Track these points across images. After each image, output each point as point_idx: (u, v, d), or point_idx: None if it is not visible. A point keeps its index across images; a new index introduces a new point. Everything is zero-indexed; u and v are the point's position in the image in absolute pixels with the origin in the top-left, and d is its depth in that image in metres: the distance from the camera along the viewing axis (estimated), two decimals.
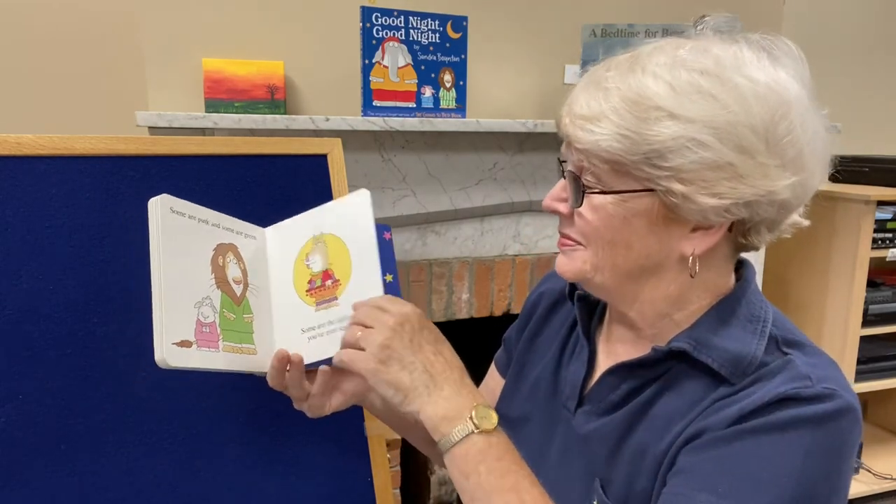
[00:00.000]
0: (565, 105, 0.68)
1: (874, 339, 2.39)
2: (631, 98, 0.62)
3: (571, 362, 0.79)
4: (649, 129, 0.60)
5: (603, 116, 0.62)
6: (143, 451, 0.80)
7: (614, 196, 0.64)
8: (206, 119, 1.57)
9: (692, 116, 0.60)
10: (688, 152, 0.60)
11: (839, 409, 0.60)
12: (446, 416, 0.64)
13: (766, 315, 0.68)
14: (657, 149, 0.60)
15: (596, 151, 0.63)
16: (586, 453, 0.71)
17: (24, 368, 0.76)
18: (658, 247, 0.66)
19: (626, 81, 0.63)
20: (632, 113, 0.61)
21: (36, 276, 0.78)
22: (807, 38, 2.60)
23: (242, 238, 0.76)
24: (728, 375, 0.64)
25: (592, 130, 0.62)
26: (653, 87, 0.61)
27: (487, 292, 1.97)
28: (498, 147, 1.92)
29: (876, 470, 2.39)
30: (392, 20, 1.66)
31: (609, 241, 0.66)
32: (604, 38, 1.87)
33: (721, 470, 0.60)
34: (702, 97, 0.60)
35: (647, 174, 0.62)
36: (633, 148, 0.61)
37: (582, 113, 0.64)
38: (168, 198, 0.68)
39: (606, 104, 0.62)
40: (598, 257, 0.67)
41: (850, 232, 2.23)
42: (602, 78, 0.65)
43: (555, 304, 0.87)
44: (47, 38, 1.94)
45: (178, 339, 0.65)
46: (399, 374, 0.65)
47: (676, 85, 0.61)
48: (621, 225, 0.65)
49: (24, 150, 0.80)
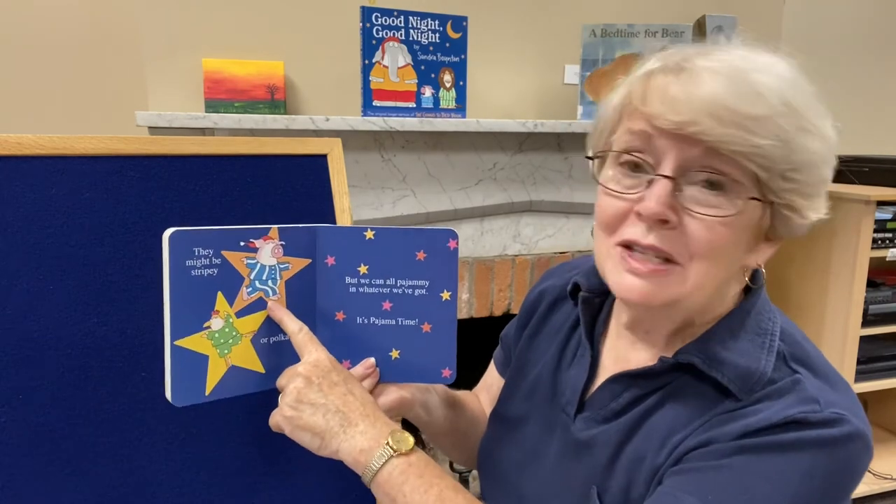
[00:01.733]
0: (693, 98, 0.58)
1: (874, 339, 2.39)
2: (790, 104, 0.59)
3: (572, 366, 0.78)
4: (799, 140, 0.59)
5: (768, 119, 0.57)
6: (143, 451, 0.80)
7: (748, 205, 0.60)
8: (206, 119, 1.57)
9: (825, 133, 0.61)
10: (816, 169, 0.61)
11: (846, 434, 0.59)
12: (364, 449, 0.63)
13: (774, 328, 0.67)
14: (801, 160, 0.59)
15: (752, 156, 0.58)
16: (584, 460, 0.71)
17: (24, 368, 0.76)
18: (741, 258, 0.64)
19: (776, 84, 0.59)
20: (791, 120, 0.58)
21: (36, 276, 0.78)
22: (807, 38, 2.60)
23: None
24: (736, 391, 0.63)
25: (756, 132, 0.57)
26: (797, 97, 0.59)
27: (487, 292, 1.97)
28: (498, 147, 1.92)
29: (876, 470, 2.39)
30: (392, 20, 1.66)
31: (724, 257, 0.62)
32: (604, 38, 1.87)
33: (716, 480, 0.59)
34: (818, 115, 0.61)
35: (776, 185, 0.59)
36: (783, 157, 0.58)
37: (747, 111, 0.57)
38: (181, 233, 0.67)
39: (767, 106, 0.58)
40: (707, 275, 0.62)
41: (850, 232, 2.23)
42: (740, 71, 0.59)
43: (555, 302, 0.85)
44: (47, 38, 1.94)
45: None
46: (312, 419, 0.65)
47: (803, 98, 0.60)
48: (737, 237, 0.62)
49: (24, 150, 0.80)
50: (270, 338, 0.73)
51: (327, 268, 0.74)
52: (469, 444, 0.90)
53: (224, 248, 0.69)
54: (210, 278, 0.68)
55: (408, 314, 0.73)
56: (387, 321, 0.74)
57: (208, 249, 0.68)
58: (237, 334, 0.71)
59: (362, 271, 0.74)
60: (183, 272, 0.67)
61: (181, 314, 0.67)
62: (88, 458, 0.78)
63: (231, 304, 0.70)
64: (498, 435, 0.84)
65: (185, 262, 0.67)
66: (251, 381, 0.71)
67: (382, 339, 0.74)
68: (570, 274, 0.82)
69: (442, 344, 0.73)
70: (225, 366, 0.70)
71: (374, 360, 0.74)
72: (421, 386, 0.79)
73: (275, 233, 0.72)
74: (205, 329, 0.68)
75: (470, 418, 0.90)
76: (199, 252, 0.68)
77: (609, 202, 0.65)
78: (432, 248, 0.72)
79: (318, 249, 0.74)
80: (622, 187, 0.64)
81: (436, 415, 0.82)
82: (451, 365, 0.73)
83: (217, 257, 0.69)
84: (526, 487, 0.77)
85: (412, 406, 0.77)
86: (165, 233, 0.66)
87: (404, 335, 0.74)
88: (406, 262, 0.73)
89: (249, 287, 0.71)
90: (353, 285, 0.74)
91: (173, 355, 0.67)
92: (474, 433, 0.90)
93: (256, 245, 0.71)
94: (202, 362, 0.68)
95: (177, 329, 0.67)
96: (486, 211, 1.94)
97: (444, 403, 0.84)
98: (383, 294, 0.73)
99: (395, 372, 0.74)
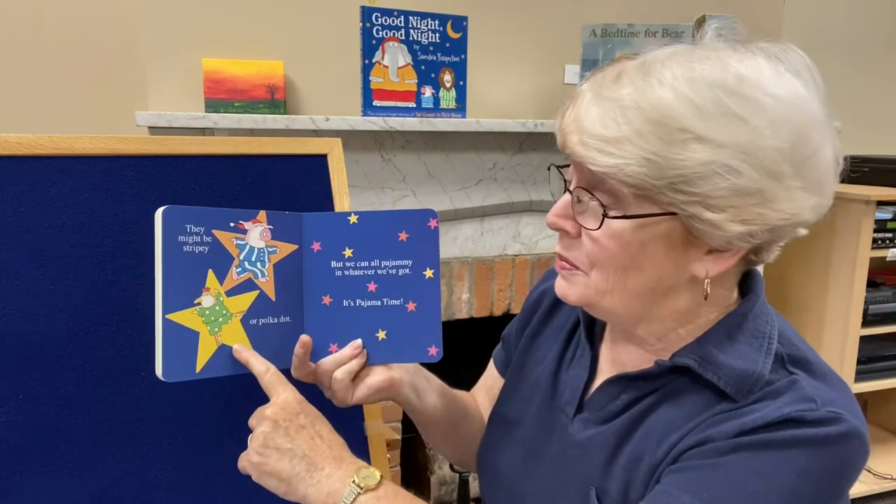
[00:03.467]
0: (568, 118, 0.63)
1: (874, 339, 2.39)
2: (654, 118, 0.57)
3: (572, 367, 0.78)
4: (677, 153, 0.57)
5: (625, 139, 0.58)
6: (143, 450, 0.80)
7: (634, 220, 0.61)
8: (206, 119, 1.57)
9: (722, 141, 0.56)
10: (718, 179, 0.57)
11: (843, 433, 0.59)
12: (331, 492, 0.64)
13: (772, 331, 0.66)
14: (685, 174, 0.57)
15: (616, 176, 0.59)
16: (582, 461, 0.71)
17: (23, 368, 0.76)
18: (672, 269, 0.63)
19: (645, 97, 0.58)
20: (656, 135, 0.57)
21: (36, 276, 0.78)
22: (807, 38, 2.60)
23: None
24: (733, 394, 0.63)
25: (613, 153, 0.58)
26: (675, 105, 0.57)
27: (487, 292, 1.97)
28: (498, 147, 1.92)
29: (876, 470, 2.39)
30: (392, 20, 1.66)
31: (622, 266, 0.63)
32: (604, 38, 1.87)
33: (713, 478, 0.59)
34: (729, 119, 0.57)
35: (671, 199, 0.58)
36: (659, 173, 0.57)
37: (599, 133, 0.59)
38: (174, 210, 0.68)
39: (627, 125, 0.58)
40: (608, 283, 0.64)
41: (850, 232, 2.23)
42: (614, 91, 0.60)
43: (556, 302, 0.85)
44: (48, 38, 1.94)
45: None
46: (279, 464, 0.65)
47: (701, 104, 0.57)
48: (638, 250, 0.62)
49: (24, 150, 0.80)
50: (259, 319, 0.73)
51: (313, 253, 0.76)
52: (461, 438, 0.90)
53: (215, 227, 0.71)
54: (201, 255, 0.70)
55: (393, 294, 0.75)
56: (372, 302, 0.75)
57: (200, 227, 0.70)
58: (227, 313, 0.71)
59: (347, 255, 0.75)
60: (175, 247, 0.68)
61: (173, 288, 0.68)
62: (88, 458, 0.78)
63: (221, 283, 0.71)
64: (497, 435, 0.83)
65: (178, 237, 0.68)
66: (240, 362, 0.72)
67: (369, 320, 0.75)
68: None
69: (427, 322, 0.75)
70: (215, 344, 0.70)
71: (362, 342, 0.75)
72: (409, 367, 0.79)
73: (263, 216, 0.74)
74: (196, 305, 0.69)
75: (462, 411, 0.89)
76: (191, 229, 0.69)
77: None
78: (414, 229, 0.75)
79: (304, 236, 0.76)
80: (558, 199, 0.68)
81: (426, 400, 0.82)
82: (438, 342, 0.75)
83: (208, 235, 0.70)
84: (525, 488, 0.77)
85: (401, 387, 0.77)
86: (158, 210, 0.67)
87: (390, 315, 0.75)
88: (389, 244, 0.75)
89: (239, 267, 0.72)
90: (338, 269, 0.76)
91: (165, 329, 0.67)
92: (467, 428, 0.89)
93: (245, 227, 0.73)
94: (193, 338, 0.69)
95: (168, 303, 0.67)
96: (486, 211, 1.94)
97: (435, 391, 0.84)
98: (368, 276, 0.75)
99: (383, 352, 0.75)
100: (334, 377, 0.74)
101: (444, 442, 0.91)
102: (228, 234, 0.72)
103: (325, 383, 0.75)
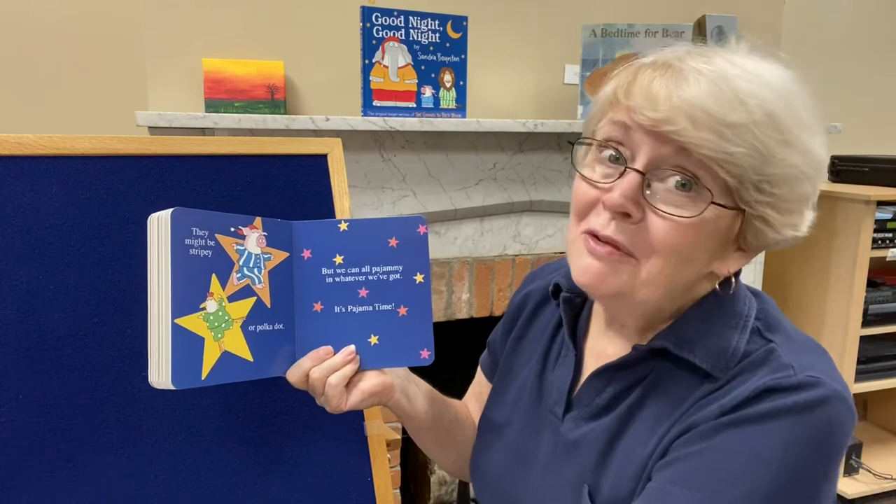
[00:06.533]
0: (673, 97, 0.58)
1: (874, 339, 2.39)
2: (771, 113, 0.57)
3: (557, 367, 0.77)
4: (778, 152, 0.57)
5: (745, 128, 0.56)
6: (142, 450, 0.80)
7: (725, 210, 0.60)
8: (206, 119, 1.57)
9: (807, 147, 0.59)
10: (796, 183, 0.59)
11: (824, 397, 0.58)
12: None
13: (749, 311, 0.67)
14: (777, 174, 0.58)
15: (722, 163, 0.57)
16: (574, 460, 0.71)
17: (23, 368, 0.76)
18: (706, 264, 0.63)
19: (762, 94, 0.58)
20: (770, 131, 0.57)
21: (36, 276, 0.78)
22: (807, 38, 2.60)
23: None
24: (710, 370, 0.63)
25: (730, 139, 0.56)
26: (784, 105, 0.58)
27: (487, 292, 1.97)
28: (498, 147, 1.92)
29: (876, 470, 2.39)
30: (392, 20, 1.66)
31: (685, 258, 0.61)
32: (604, 38, 1.87)
33: (699, 464, 0.59)
34: (804, 129, 0.59)
35: (750, 196, 0.59)
36: (760, 168, 0.57)
37: (723, 117, 0.56)
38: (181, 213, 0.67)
39: (746, 114, 0.57)
40: (660, 273, 0.62)
41: (850, 232, 2.23)
42: (727, 76, 0.58)
43: (539, 304, 0.85)
44: (48, 38, 1.94)
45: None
46: None
47: (790, 111, 0.58)
48: (702, 241, 0.61)
49: (24, 150, 0.80)
50: (257, 326, 0.73)
51: (304, 261, 0.76)
52: (454, 444, 0.89)
53: (217, 231, 0.71)
54: (206, 259, 0.69)
55: (384, 299, 0.75)
56: (364, 308, 0.75)
57: (204, 231, 0.69)
58: (229, 318, 0.71)
59: (338, 261, 0.75)
60: (183, 250, 0.67)
61: (181, 292, 0.67)
62: (88, 457, 0.78)
63: (223, 288, 0.71)
64: (488, 440, 0.83)
65: (185, 240, 0.67)
66: (241, 369, 0.71)
67: (361, 326, 0.75)
68: (553, 275, 0.82)
69: (419, 326, 0.75)
70: (219, 350, 0.70)
71: (355, 348, 0.74)
72: (400, 373, 0.79)
73: (259, 223, 0.74)
74: (201, 310, 0.69)
75: (454, 417, 0.89)
76: (197, 232, 0.69)
77: (583, 189, 0.65)
78: (403, 235, 0.75)
79: (295, 243, 0.76)
80: (597, 176, 0.64)
81: (417, 405, 0.81)
82: (429, 346, 0.75)
83: (212, 240, 0.70)
84: (518, 491, 0.77)
85: (393, 391, 0.77)
86: (164, 212, 0.67)
87: (382, 320, 0.75)
88: (379, 250, 0.75)
89: (239, 273, 0.72)
90: (329, 276, 0.75)
91: (174, 334, 0.66)
92: (460, 434, 0.89)
93: (244, 232, 0.73)
94: (199, 344, 0.68)
95: (178, 307, 0.66)
96: (486, 211, 1.94)
97: (426, 397, 0.83)
98: (359, 282, 0.75)
99: (375, 357, 0.75)
100: (328, 383, 0.73)
101: (437, 448, 0.90)
102: (230, 239, 0.72)
103: (318, 390, 0.74)
